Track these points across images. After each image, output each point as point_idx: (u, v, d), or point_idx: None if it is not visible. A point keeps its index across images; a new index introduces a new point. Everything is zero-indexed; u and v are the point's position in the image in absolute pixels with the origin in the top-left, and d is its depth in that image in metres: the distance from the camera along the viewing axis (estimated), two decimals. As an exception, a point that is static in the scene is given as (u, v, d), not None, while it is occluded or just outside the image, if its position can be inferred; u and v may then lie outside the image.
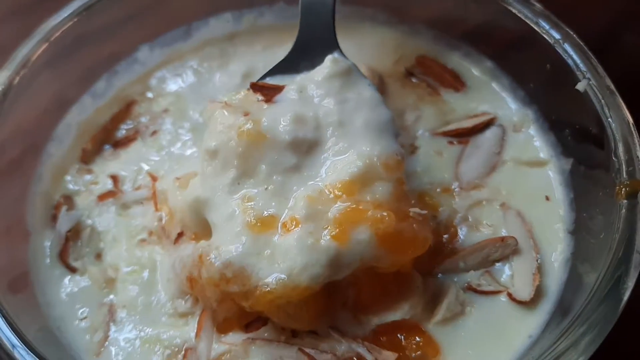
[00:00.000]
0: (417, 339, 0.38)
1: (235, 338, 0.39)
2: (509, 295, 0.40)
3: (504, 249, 0.41)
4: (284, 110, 0.39)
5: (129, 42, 0.51)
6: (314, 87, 0.41)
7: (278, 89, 0.40)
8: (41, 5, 0.62)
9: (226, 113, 0.39)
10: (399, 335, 0.38)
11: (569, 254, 0.41)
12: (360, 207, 0.37)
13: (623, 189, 0.37)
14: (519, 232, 0.42)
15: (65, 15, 0.47)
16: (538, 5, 0.45)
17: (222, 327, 0.39)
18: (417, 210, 0.38)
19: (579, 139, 0.43)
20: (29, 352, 0.33)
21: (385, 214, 0.37)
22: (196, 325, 0.39)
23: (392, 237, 0.37)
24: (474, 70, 0.51)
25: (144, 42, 0.52)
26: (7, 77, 0.44)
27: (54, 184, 0.46)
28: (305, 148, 0.39)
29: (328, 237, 0.36)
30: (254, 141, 0.38)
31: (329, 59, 0.42)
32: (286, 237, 0.36)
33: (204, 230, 0.41)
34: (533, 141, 0.47)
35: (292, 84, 0.41)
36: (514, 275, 0.41)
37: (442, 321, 0.39)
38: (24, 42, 0.45)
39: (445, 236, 0.42)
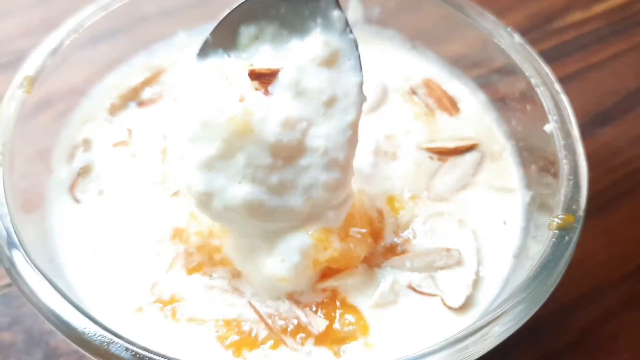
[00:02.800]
0: (352, 318, 0.43)
1: (198, 281, 0.45)
2: (442, 300, 0.44)
3: (448, 259, 0.46)
4: (277, 108, 0.40)
5: (170, 28, 0.58)
6: (309, 77, 0.41)
7: (273, 74, 0.41)
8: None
9: (223, 88, 0.40)
10: (335, 312, 0.43)
11: (506, 275, 0.45)
12: None
13: (555, 221, 0.41)
14: (468, 247, 0.46)
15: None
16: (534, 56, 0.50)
17: (190, 270, 0.45)
18: (357, 229, 0.43)
19: (541, 175, 0.48)
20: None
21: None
22: (168, 264, 0.46)
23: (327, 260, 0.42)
24: (470, 100, 0.56)
25: (183, 28, 0.58)
26: (57, 40, 0.50)
27: (79, 129, 0.53)
28: (285, 153, 0.40)
29: None
30: (241, 131, 0.39)
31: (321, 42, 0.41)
32: None
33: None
34: (506, 171, 0.52)
35: (288, 69, 0.41)
36: (452, 283, 0.45)
37: (375, 306, 0.43)
38: (82, 8, 0.52)
39: (401, 236, 0.47)
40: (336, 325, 0.42)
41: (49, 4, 0.81)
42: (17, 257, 0.39)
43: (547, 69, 0.48)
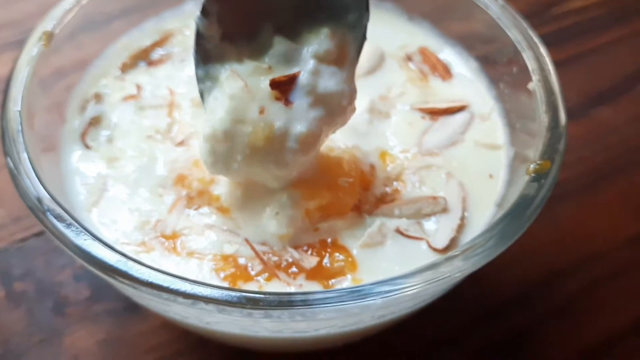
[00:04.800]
0: (341, 256, 0.46)
1: (198, 219, 0.48)
2: (428, 242, 0.47)
3: (434, 207, 0.48)
4: (296, 120, 0.41)
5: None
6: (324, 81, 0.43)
7: (292, 80, 0.42)
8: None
9: (244, 99, 0.41)
10: (325, 251, 0.46)
11: (488, 221, 0.47)
12: None
13: (532, 166, 0.43)
14: (454, 196, 0.49)
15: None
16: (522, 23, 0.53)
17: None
18: (344, 179, 0.46)
19: (524, 131, 0.50)
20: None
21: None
22: (170, 205, 0.49)
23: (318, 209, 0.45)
24: (463, 67, 0.59)
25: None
26: (74, 2, 0.53)
27: (92, 84, 0.56)
28: None
29: None
30: (261, 146, 0.41)
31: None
32: None
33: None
34: (493, 130, 0.54)
35: (305, 73, 0.42)
36: (438, 228, 0.47)
37: (363, 245, 0.46)
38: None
39: (392, 186, 0.50)
40: (326, 263, 0.45)
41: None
42: (43, 195, 0.42)
43: (533, 35, 0.51)
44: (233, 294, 0.36)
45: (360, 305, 0.37)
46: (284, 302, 0.36)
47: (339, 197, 0.46)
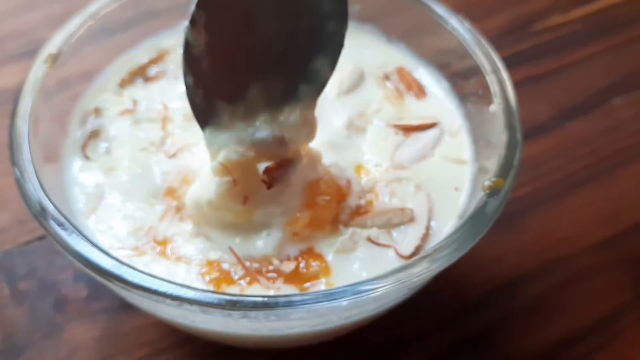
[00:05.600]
0: (316, 262, 0.50)
1: (186, 228, 0.52)
2: (395, 250, 0.51)
3: (403, 217, 0.52)
4: (277, 206, 0.49)
5: (176, 19, 0.65)
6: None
7: (283, 168, 0.48)
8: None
9: (231, 191, 0.47)
10: (302, 258, 0.50)
11: (450, 231, 0.51)
12: None
13: (487, 183, 0.48)
14: (422, 207, 0.53)
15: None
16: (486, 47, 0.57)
17: (179, 220, 0.53)
18: (321, 197, 0.50)
19: (486, 150, 0.55)
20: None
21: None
22: (161, 214, 0.53)
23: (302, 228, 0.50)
24: (435, 86, 0.63)
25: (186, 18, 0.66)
26: (76, 25, 0.57)
27: (93, 99, 0.61)
28: None
29: None
30: (243, 223, 0.49)
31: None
32: None
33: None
34: (461, 146, 0.58)
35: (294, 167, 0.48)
36: (405, 237, 0.52)
37: (336, 252, 0.50)
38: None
39: (365, 197, 0.54)
40: (302, 268, 0.49)
41: (69, -3, 0.89)
42: (46, 204, 0.46)
43: (496, 59, 0.55)
44: (215, 296, 0.41)
45: (328, 307, 0.41)
46: (258, 304, 0.41)
47: (318, 214, 0.50)
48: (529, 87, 0.84)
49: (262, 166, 0.48)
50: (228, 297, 0.41)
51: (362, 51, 0.64)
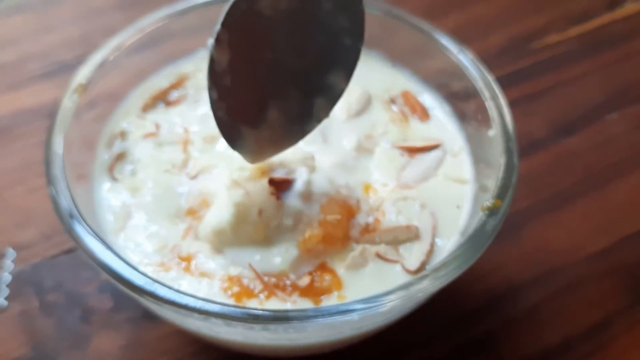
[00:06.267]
0: (329, 277, 0.54)
1: (206, 246, 0.56)
2: (402, 265, 0.55)
3: (409, 234, 0.56)
4: (288, 220, 0.54)
5: (193, 45, 0.70)
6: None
7: (288, 183, 0.54)
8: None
9: (246, 204, 0.52)
10: (316, 273, 0.54)
11: (453, 248, 0.56)
12: None
13: (486, 204, 0.52)
14: (426, 225, 0.57)
15: (158, 17, 0.66)
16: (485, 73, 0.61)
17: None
18: (332, 216, 0.55)
19: (486, 171, 0.59)
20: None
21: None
22: (183, 232, 0.57)
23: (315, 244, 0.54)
24: (439, 109, 0.67)
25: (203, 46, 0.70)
26: (103, 56, 0.62)
27: (118, 123, 0.65)
28: None
29: None
30: (258, 240, 0.54)
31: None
32: None
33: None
34: (462, 166, 0.63)
35: (300, 183, 0.55)
36: (411, 253, 0.55)
37: (347, 267, 0.54)
38: (121, 30, 0.64)
39: (373, 216, 0.58)
40: (316, 282, 0.53)
41: (87, 21, 0.93)
42: (77, 225, 0.50)
43: (496, 88, 0.59)
44: (238, 310, 0.45)
45: (340, 320, 0.45)
46: (279, 318, 0.45)
47: (329, 231, 0.54)
48: (527, 104, 0.87)
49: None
50: (251, 312, 0.45)
51: (370, 75, 0.68)
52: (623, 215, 0.76)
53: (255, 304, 0.52)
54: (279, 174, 0.55)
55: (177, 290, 0.46)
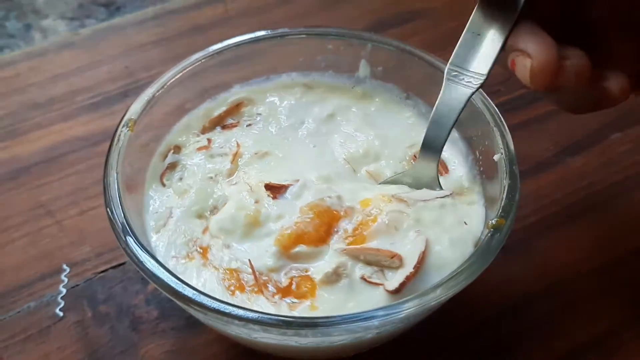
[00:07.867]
0: (307, 283, 0.58)
1: (218, 241, 0.63)
2: (384, 287, 0.56)
3: (391, 263, 0.57)
4: (277, 210, 0.61)
5: (229, 78, 0.77)
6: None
7: (283, 188, 0.63)
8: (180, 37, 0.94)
9: (246, 196, 0.62)
10: (296, 277, 0.59)
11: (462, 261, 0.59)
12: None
13: (491, 222, 0.58)
14: (414, 251, 0.57)
15: (198, 56, 0.74)
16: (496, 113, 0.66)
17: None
18: (306, 216, 0.60)
19: (492, 193, 0.64)
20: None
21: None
22: (203, 227, 0.65)
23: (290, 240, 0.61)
24: (455, 160, 0.72)
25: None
26: (152, 92, 0.69)
27: (175, 139, 0.73)
28: None
29: None
30: (251, 222, 0.61)
31: None
32: None
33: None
34: (472, 190, 0.68)
35: (296, 187, 0.64)
36: (394, 276, 0.57)
37: (325, 277, 0.57)
38: (168, 68, 0.72)
39: (363, 222, 0.60)
40: (294, 287, 0.58)
41: (129, 56, 1.00)
42: (130, 242, 0.56)
43: (500, 118, 0.65)
44: (274, 318, 0.51)
45: (362, 326, 0.51)
46: (309, 324, 0.51)
47: (302, 229, 0.59)
48: (535, 126, 0.92)
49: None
50: (284, 319, 0.52)
51: (394, 126, 0.76)
52: (627, 231, 0.80)
53: (244, 299, 0.58)
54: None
55: (220, 301, 0.53)
